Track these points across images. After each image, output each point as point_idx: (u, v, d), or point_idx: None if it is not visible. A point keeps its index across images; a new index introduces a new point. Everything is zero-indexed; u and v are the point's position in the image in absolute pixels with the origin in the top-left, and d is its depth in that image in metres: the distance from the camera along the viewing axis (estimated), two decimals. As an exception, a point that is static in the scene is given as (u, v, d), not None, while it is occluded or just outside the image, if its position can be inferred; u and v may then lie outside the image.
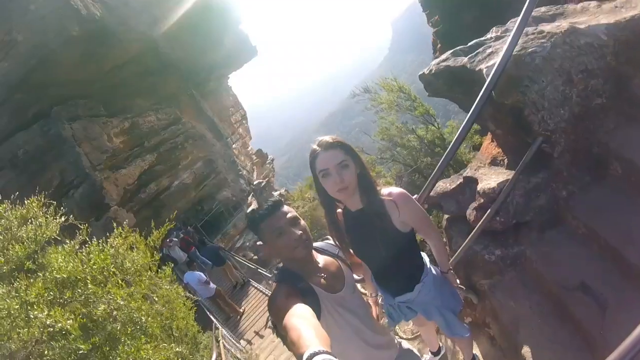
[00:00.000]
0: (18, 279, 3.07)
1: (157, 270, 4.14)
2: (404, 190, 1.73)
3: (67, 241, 3.50)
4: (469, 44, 2.52)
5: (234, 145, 22.93)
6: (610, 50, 1.99)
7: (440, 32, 10.74)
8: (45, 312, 2.74)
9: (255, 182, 22.45)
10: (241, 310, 10.10)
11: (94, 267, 3.25)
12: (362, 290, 2.94)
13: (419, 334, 3.06)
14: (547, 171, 2.28)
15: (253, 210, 1.68)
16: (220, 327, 6.69)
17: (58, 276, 3.03)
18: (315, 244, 1.79)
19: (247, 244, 16.98)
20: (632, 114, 2.12)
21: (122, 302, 3.15)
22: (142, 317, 3.28)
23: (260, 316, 9.44)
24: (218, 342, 4.89)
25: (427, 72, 2.73)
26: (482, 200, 2.44)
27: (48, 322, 2.72)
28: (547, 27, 2.05)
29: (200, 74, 19.32)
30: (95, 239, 3.65)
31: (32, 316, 2.74)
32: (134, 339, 3.09)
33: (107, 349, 2.99)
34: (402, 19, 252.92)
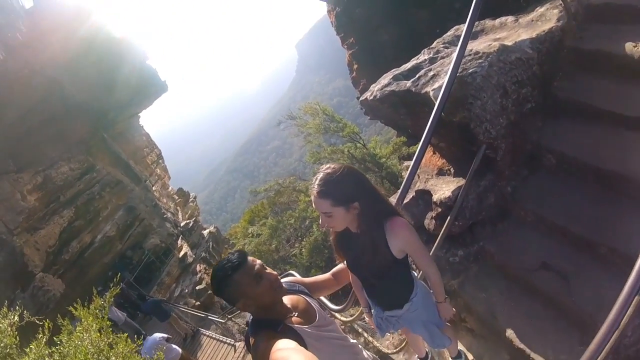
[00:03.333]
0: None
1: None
2: (405, 222, 1.80)
3: (31, 347, 2.82)
4: (407, 67, 2.77)
5: (153, 188, 21.67)
6: (535, 62, 2.36)
7: (356, 53, 11.32)
8: None
9: (182, 224, 21.39)
10: None
11: None
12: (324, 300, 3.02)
13: (402, 345, 3.16)
14: (492, 173, 2.57)
15: (221, 268, 1.64)
16: None
17: None
18: None
19: (186, 290, 15.98)
20: (555, 111, 2.51)
21: None
22: None
23: (220, 365, 8.91)
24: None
25: (371, 97, 2.91)
26: (439, 210, 2.65)
27: None
28: (480, 47, 2.36)
29: (108, 115, 18.03)
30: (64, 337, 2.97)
31: None
32: None
33: None
34: (305, 41, 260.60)
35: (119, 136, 20.25)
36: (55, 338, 2.90)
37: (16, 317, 2.99)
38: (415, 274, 2.20)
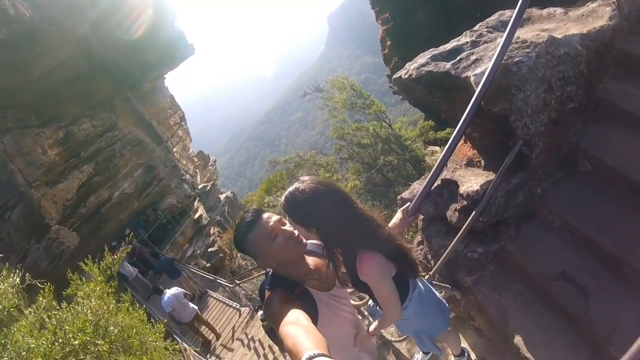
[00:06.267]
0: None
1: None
2: (372, 264, 1.69)
3: (27, 310, 2.83)
4: (447, 48, 2.60)
5: (174, 149, 21.94)
6: (583, 59, 2.18)
7: (390, 29, 10.95)
8: None
9: (200, 187, 21.70)
10: (219, 333, 9.10)
11: (75, 342, 2.61)
12: None
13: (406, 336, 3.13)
14: (524, 171, 2.43)
15: (236, 228, 1.69)
16: (188, 347, 6.27)
17: None
18: None
19: (198, 251, 16.37)
20: (597, 115, 2.34)
21: None
22: None
23: (225, 326, 9.12)
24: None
25: (406, 76, 2.76)
26: (465, 203, 2.52)
27: None
28: (527, 36, 2.18)
29: (134, 75, 18.16)
30: (64, 303, 2.91)
31: None
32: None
33: None
34: (338, 14, 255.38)
35: (144, 96, 20.38)
36: (63, 292, 2.94)
37: (17, 280, 2.98)
38: (419, 284, 2.13)
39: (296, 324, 1.30)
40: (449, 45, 2.64)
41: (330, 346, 1.20)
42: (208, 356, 7.93)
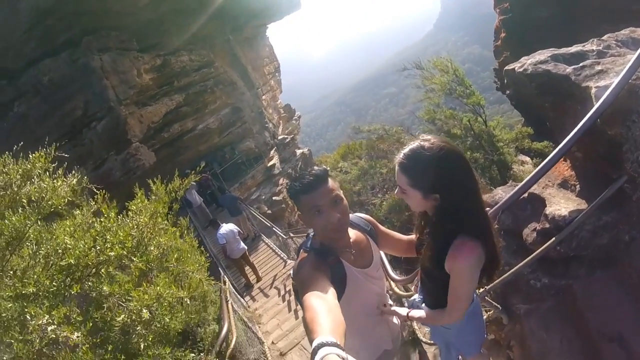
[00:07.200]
0: (12, 259, 2.48)
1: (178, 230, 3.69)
2: (471, 253, 1.44)
3: (78, 210, 2.86)
4: (570, 50, 2.32)
5: (263, 97, 22.70)
6: None
7: (508, 21, 10.09)
8: (46, 317, 2.20)
9: (279, 137, 22.36)
10: (261, 277, 9.54)
11: (111, 254, 2.58)
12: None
13: None
14: (619, 211, 2.13)
15: (295, 179, 1.66)
16: (228, 281, 6.65)
17: (63, 263, 2.45)
18: None
19: (263, 197, 17.09)
20: None
21: (147, 315, 2.61)
22: (166, 318, 2.77)
23: (267, 272, 9.54)
24: (227, 301, 4.57)
25: (520, 69, 2.50)
26: (547, 225, 2.31)
27: (49, 329, 2.17)
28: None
29: (239, 19, 18.79)
30: (112, 214, 2.85)
31: (29, 318, 2.19)
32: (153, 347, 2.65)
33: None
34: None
35: (244, 41, 21.08)
36: (126, 203, 3.13)
37: (74, 181, 2.99)
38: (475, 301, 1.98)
39: (321, 298, 1.27)
40: (571, 49, 2.34)
41: (349, 324, 1.17)
42: (244, 295, 8.41)
